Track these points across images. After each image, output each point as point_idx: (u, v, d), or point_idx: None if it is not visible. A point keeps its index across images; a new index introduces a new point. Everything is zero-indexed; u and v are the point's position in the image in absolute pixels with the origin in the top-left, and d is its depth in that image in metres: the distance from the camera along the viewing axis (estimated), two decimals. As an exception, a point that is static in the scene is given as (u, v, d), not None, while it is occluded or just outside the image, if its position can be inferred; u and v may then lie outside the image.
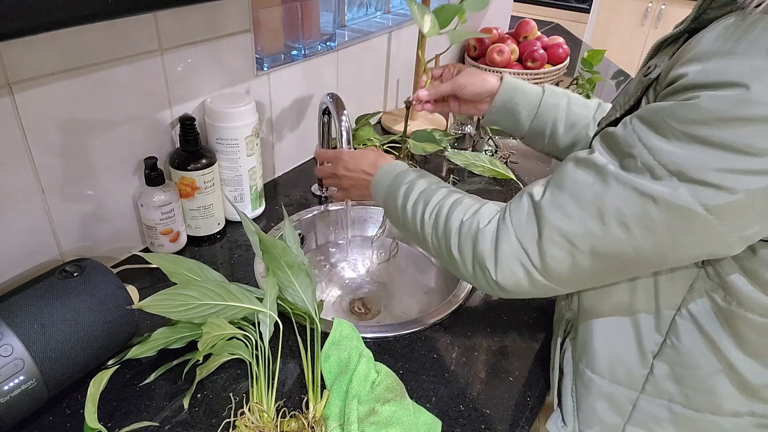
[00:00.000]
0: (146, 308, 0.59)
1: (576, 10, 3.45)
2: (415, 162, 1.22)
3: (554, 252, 0.52)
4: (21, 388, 0.55)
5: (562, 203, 0.52)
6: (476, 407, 0.66)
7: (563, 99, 0.86)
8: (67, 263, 0.65)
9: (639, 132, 0.48)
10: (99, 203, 0.80)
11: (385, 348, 0.74)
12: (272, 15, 0.99)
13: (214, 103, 0.87)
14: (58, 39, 0.67)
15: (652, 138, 0.46)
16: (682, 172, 0.44)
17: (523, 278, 0.56)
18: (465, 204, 0.63)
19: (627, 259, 0.50)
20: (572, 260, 0.52)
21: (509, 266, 0.56)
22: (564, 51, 1.66)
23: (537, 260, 0.54)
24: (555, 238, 0.52)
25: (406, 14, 1.44)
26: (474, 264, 0.59)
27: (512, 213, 0.57)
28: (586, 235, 0.50)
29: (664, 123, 0.46)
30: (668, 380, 0.59)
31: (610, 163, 0.50)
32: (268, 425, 0.59)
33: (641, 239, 0.48)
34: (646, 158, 0.46)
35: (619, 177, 0.48)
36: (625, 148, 0.48)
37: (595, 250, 0.51)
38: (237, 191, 0.94)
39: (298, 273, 0.70)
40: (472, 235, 0.59)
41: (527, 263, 0.55)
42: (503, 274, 0.56)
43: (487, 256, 0.57)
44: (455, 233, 0.61)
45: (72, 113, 0.72)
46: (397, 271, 1.05)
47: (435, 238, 0.64)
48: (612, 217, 0.49)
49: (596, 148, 0.52)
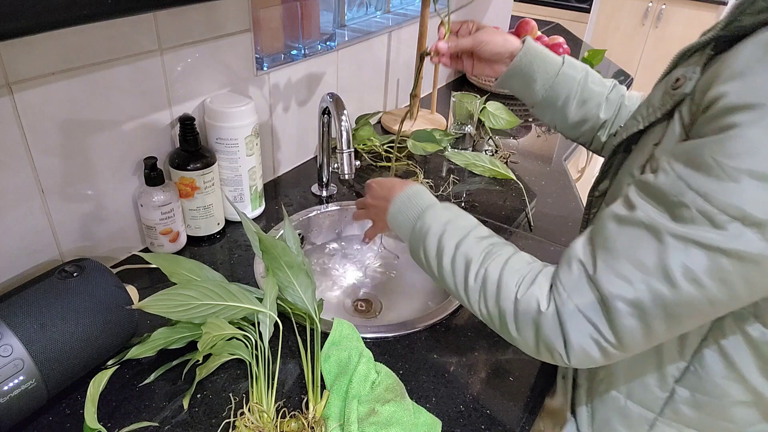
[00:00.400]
0: (146, 308, 0.59)
1: (576, 10, 3.45)
2: (414, 162, 1.22)
3: (626, 323, 0.47)
4: (21, 388, 0.55)
5: (620, 271, 0.46)
6: (476, 407, 0.66)
7: (581, 73, 0.81)
8: (66, 263, 0.65)
9: (685, 177, 0.43)
10: (99, 203, 0.80)
11: (385, 348, 0.74)
12: (272, 15, 0.99)
13: (213, 103, 0.87)
14: (58, 39, 0.67)
15: (702, 181, 0.42)
16: (745, 214, 0.40)
17: (597, 354, 0.49)
18: (514, 268, 0.55)
19: (702, 311, 0.45)
20: (646, 327, 0.47)
21: (581, 346, 0.49)
22: (564, 51, 1.66)
23: (610, 335, 0.48)
24: (623, 308, 0.46)
25: (406, 14, 1.44)
26: (539, 346, 0.52)
27: (568, 289, 0.50)
28: (657, 300, 0.45)
29: (712, 161, 0.41)
30: (688, 406, 0.57)
31: (660, 217, 0.45)
32: (268, 425, 0.59)
33: (717, 292, 0.43)
34: (701, 205, 0.42)
35: (675, 233, 0.43)
36: (673, 197, 0.44)
37: (669, 312, 0.45)
38: (237, 191, 0.94)
39: (298, 273, 0.69)
40: (533, 319, 0.52)
41: (600, 339, 0.48)
42: (576, 355, 0.50)
43: (555, 341, 0.50)
44: (511, 314, 0.53)
45: (72, 113, 0.72)
46: (398, 271, 1.05)
47: (485, 308, 0.56)
48: (680, 276, 0.44)
49: (636, 203, 0.47)
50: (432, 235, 0.62)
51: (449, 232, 0.60)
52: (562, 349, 0.50)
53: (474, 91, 1.57)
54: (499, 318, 0.54)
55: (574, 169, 1.59)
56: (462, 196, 1.10)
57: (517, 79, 0.82)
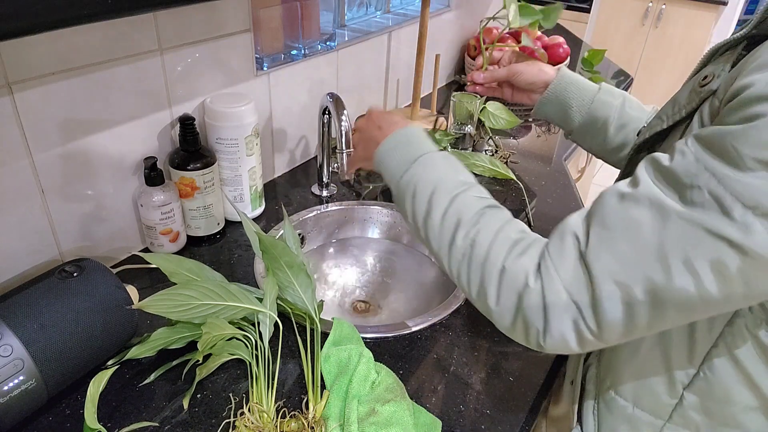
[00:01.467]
0: (146, 308, 0.59)
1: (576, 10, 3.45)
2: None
3: (610, 306, 0.44)
4: (21, 388, 0.55)
5: (614, 249, 0.44)
6: (476, 407, 0.66)
7: (618, 99, 0.81)
8: (66, 263, 0.65)
9: (703, 160, 0.41)
10: (99, 203, 0.80)
11: (385, 348, 0.74)
12: (272, 15, 0.99)
13: (213, 103, 0.87)
14: (58, 39, 0.67)
15: (720, 166, 0.40)
16: (758, 204, 0.39)
17: (574, 341, 0.47)
18: (508, 235, 0.52)
19: (690, 307, 0.43)
20: (629, 315, 0.44)
21: (560, 331, 0.47)
22: (564, 51, 1.66)
23: (591, 320, 0.46)
24: (610, 289, 0.44)
25: (406, 14, 1.44)
26: (516, 321, 0.50)
27: (556, 263, 0.47)
28: (647, 285, 0.43)
29: (733, 150, 0.40)
30: (697, 412, 0.56)
31: (668, 198, 0.43)
32: (268, 425, 0.59)
33: (711, 286, 0.42)
34: (714, 189, 0.40)
35: (682, 214, 0.41)
36: (686, 178, 0.42)
37: (656, 298, 0.43)
38: (237, 191, 0.94)
39: (298, 273, 0.69)
40: (517, 292, 0.49)
41: (581, 324, 0.46)
42: (552, 339, 0.48)
43: (535, 320, 0.48)
44: (495, 282, 0.50)
45: (72, 113, 0.72)
46: (398, 271, 1.05)
47: (466, 271, 0.53)
48: (677, 260, 0.42)
49: (643, 180, 0.45)
50: (424, 185, 0.58)
51: (444, 185, 0.57)
52: (540, 329, 0.48)
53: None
54: (479, 284, 0.51)
55: (574, 169, 1.59)
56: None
57: (553, 106, 0.84)
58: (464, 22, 1.67)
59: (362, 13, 1.37)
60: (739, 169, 0.39)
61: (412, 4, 1.51)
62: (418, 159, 0.60)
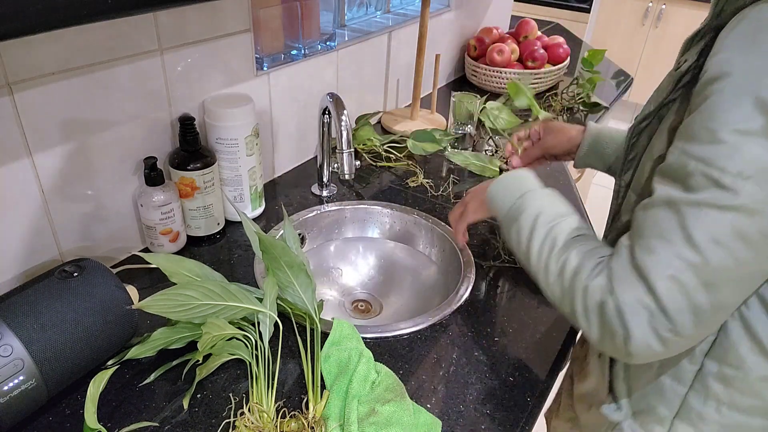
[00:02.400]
0: (146, 308, 0.59)
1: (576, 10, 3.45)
2: (414, 162, 1.22)
3: (671, 300, 0.48)
4: (21, 388, 0.55)
5: (652, 251, 0.49)
6: (476, 407, 0.66)
7: None
8: (66, 263, 0.65)
9: (687, 150, 0.47)
10: (99, 203, 0.80)
11: (385, 348, 0.74)
12: (272, 15, 0.99)
13: (213, 103, 0.87)
14: (58, 39, 0.67)
15: (699, 149, 0.46)
16: (740, 169, 0.44)
17: (656, 343, 0.50)
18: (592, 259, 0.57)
19: (737, 278, 0.48)
20: (690, 302, 0.48)
21: (642, 336, 0.50)
22: (564, 51, 1.66)
23: (662, 318, 0.49)
24: (665, 286, 0.48)
25: (406, 14, 1.44)
26: (604, 336, 0.54)
27: (619, 277, 0.52)
28: (690, 270, 0.47)
29: (702, 129, 0.46)
30: (716, 380, 0.58)
31: (674, 192, 0.48)
32: (268, 425, 0.59)
33: (741, 252, 0.46)
34: (703, 170, 0.46)
35: (689, 201, 0.47)
36: (681, 170, 0.48)
37: (705, 281, 0.47)
38: (237, 191, 0.94)
39: (298, 273, 0.69)
40: (598, 309, 0.53)
41: (657, 325, 0.50)
42: (636, 346, 0.51)
43: (618, 331, 0.52)
44: (581, 303, 0.55)
45: (72, 113, 0.72)
46: (398, 271, 1.05)
47: (559, 293, 0.59)
48: (704, 241, 0.46)
49: (655, 188, 0.51)
50: (527, 216, 0.65)
51: (544, 217, 0.64)
52: (623, 338, 0.51)
53: (474, 91, 1.57)
54: (570, 303, 0.57)
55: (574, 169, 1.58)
56: (462, 196, 1.10)
57: (591, 158, 0.88)
58: (464, 22, 1.67)
59: (362, 13, 1.37)
60: (714, 144, 0.45)
61: (412, 4, 1.51)
62: (524, 194, 0.68)
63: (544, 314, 0.81)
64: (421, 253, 1.05)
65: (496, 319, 0.80)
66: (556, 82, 1.71)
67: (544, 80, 1.62)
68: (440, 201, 1.08)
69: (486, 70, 1.60)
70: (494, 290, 0.86)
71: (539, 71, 1.59)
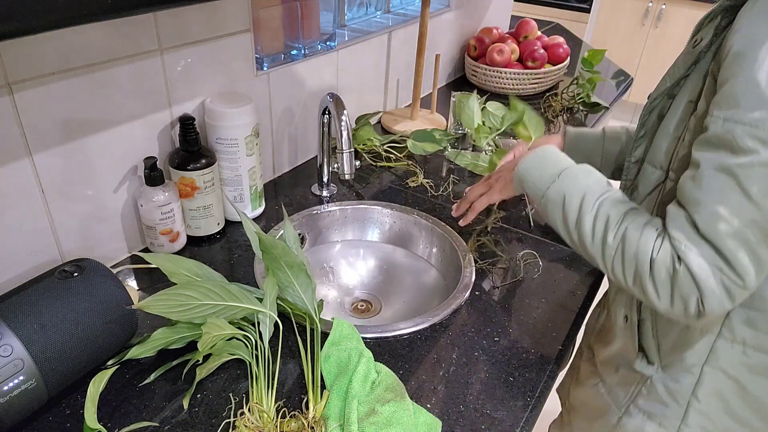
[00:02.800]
0: (146, 308, 0.59)
1: (576, 10, 3.45)
2: (414, 162, 1.22)
3: (739, 256, 0.53)
4: (21, 388, 0.55)
5: (713, 212, 0.53)
6: (476, 407, 0.66)
7: (624, 134, 0.88)
8: (66, 263, 0.65)
9: (730, 117, 0.52)
10: (99, 203, 0.80)
11: (385, 348, 0.74)
12: (272, 15, 0.99)
13: (213, 103, 0.87)
14: (58, 39, 0.67)
15: (744, 114, 0.50)
16: None
17: (725, 296, 0.54)
18: (651, 231, 0.60)
19: None
20: (754, 255, 0.53)
21: (714, 293, 0.54)
22: (564, 51, 1.66)
23: (731, 274, 0.54)
24: (731, 244, 0.53)
25: (406, 14, 1.44)
26: (674, 300, 0.57)
27: (682, 240, 0.56)
28: (752, 225, 0.52)
29: (742, 96, 0.51)
30: (743, 325, 0.62)
31: (724, 157, 0.52)
32: (268, 425, 0.59)
33: None
34: (752, 132, 0.50)
35: (741, 163, 0.51)
36: (728, 136, 0.52)
37: (766, 234, 0.52)
38: (237, 191, 0.94)
39: (298, 273, 0.69)
40: (669, 276, 0.57)
41: (726, 281, 0.54)
42: (710, 303, 0.55)
43: (691, 294, 0.55)
44: (647, 273, 0.58)
45: (72, 113, 0.72)
46: (398, 271, 1.05)
47: (621, 266, 0.61)
48: (761, 197, 0.51)
49: (701, 158, 0.54)
50: (572, 195, 0.66)
51: (591, 193, 0.65)
52: (698, 299, 0.55)
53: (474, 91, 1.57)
54: (634, 275, 0.59)
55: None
56: (462, 196, 1.10)
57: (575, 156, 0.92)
58: (464, 22, 1.67)
59: (362, 13, 1.37)
60: (758, 108, 0.50)
61: (412, 4, 1.51)
62: (562, 173, 0.68)
63: (544, 314, 0.81)
64: (421, 253, 1.05)
65: (496, 319, 0.80)
66: (556, 82, 1.71)
67: (544, 80, 1.62)
68: (440, 201, 1.08)
69: (486, 70, 1.60)
70: (494, 290, 0.86)
71: (539, 71, 1.59)
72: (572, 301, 0.85)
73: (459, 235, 0.97)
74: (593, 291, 0.88)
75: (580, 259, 0.94)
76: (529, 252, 0.95)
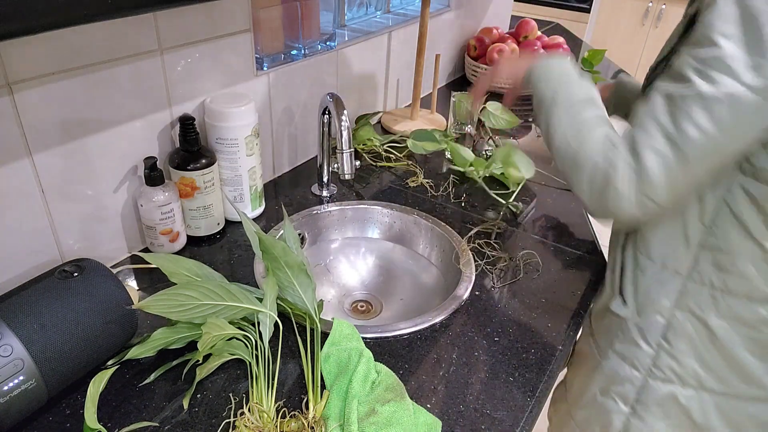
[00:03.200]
0: (146, 308, 0.59)
1: (576, 10, 3.45)
2: (414, 162, 1.22)
3: (651, 167, 0.60)
4: (21, 388, 0.55)
5: (643, 126, 0.61)
6: (476, 407, 0.66)
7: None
8: (66, 263, 0.65)
9: (688, 52, 0.59)
10: (99, 203, 0.80)
11: (385, 348, 0.74)
12: (272, 15, 0.99)
13: (213, 103, 0.87)
14: (58, 39, 0.67)
15: (697, 51, 0.57)
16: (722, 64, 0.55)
17: (634, 202, 0.62)
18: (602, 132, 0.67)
19: (710, 155, 0.58)
20: (667, 171, 0.60)
21: (625, 190, 0.62)
22: (564, 51, 1.66)
23: (642, 181, 0.61)
24: (649, 156, 0.60)
25: (406, 14, 1.44)
26: (593, 192, 0.66)
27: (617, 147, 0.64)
28: (672, 145, 0.59)
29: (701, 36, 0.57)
30: (710, 266, 0.68)
31: (672, 86, 0.59)
32: (268, 425, 0.59)
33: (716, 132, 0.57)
34: (695, 66, 0.57)
35: (682, 93, 0.58)
36: (680, 69, 0.59)
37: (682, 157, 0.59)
38: (237, 191, 0.94)
39: (298, 273, 0.69)
40: (595, 170, 0.65)
41: (638, 185, 0.62)
42: (619, 199, 0.63)
43: (607, 189, 0.64)
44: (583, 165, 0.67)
45: (72, 113, 0.72)
46: (398, 272, 1.05)
47: (567, 143, 0.69)
48: (687, 125, 0.57)
49: (657, 85, 0.61)
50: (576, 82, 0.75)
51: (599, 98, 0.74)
52: (612, 198, 0.63)
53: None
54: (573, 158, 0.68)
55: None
56: (462, 196, 1.10)
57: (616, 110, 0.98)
58: (464, 22, 1.67)
59: (362, 13, 1.37)
60: (708, 46, 0.56)
61: (412, 4, 1.51)
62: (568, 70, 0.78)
63: (544, 314, 0.81)
64: (421, 253, 1.05)
65: (496, 319, 0.80)
66: (556, 82, 1.71)
67: (544, 80, 1.62)
68: (440, 201, 1.08)
69: (486, 70, 1.60)
70: (494, 290, 0.86)
71: (539, 71, 1.59)
72: (572, 301, 0.85)
73: (459, 235, 0.97)
74: (593, 291, 0.88)
75: (581, 259, 0.94)
76: (529, 252, 0.95)
